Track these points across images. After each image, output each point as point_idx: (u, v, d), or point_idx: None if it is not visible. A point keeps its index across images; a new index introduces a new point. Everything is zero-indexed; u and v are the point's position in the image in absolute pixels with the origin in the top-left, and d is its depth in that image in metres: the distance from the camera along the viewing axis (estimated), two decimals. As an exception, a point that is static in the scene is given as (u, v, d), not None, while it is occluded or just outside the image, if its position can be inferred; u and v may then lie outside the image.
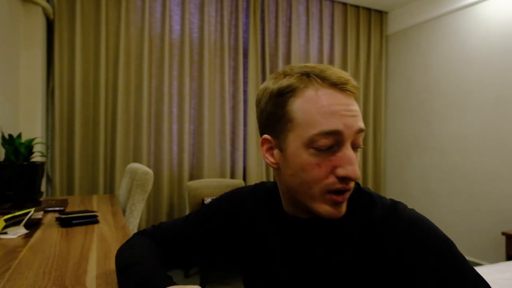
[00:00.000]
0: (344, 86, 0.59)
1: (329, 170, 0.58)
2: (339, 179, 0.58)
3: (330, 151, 0.58)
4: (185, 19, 3.05)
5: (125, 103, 2.89)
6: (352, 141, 0.59)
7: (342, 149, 0.58)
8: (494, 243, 2.91)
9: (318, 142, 0.57)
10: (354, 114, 0.59)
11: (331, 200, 0.59)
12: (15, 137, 1.80)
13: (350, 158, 0.57)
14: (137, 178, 1.70)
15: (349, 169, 0.57)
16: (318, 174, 0.58)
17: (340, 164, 0.58)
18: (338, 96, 0.58)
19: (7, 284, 0.74)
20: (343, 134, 0.57)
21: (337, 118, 0.57)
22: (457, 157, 3.23)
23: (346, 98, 0.59)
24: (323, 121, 0.57)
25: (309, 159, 0.58)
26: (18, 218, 1.20)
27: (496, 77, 2.93)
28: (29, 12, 2.47)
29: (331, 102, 0.58)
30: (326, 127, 0.57)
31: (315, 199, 0.60)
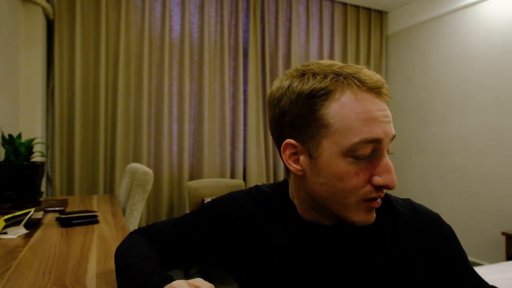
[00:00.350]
0: (381, 90, 0.57)
1: (367, 179, 0.56)
2: (376, 188, 0.56)
3: (368, 159, 0.56)
4: (185, 19, 3.05)
5: (125, 103, 2.89)
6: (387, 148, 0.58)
7: (380, 157, 0.56)
8: (494, 243, 2.91)
9: (359, 150, 0.55)
10: (390, 119, 0.57)
11: (367, 207, 0.58)
12: (15, 137, 1.80)
13: (389, 166, 0.56)
14: (137, 178, 1.70)
15: (388, 178, 0.56)
16: (356, 184, 0.56)
17: (377, 173, 0.56)
18: (376, 102, 0.56)
19: (7, 284, 0.74)
20: (383, 142, 0.55)
21: (377, 125, 0.55)
22: (457, 157, 3.23)
23: (383, 103, 0.57)
24: (364, 129, 0.54)
25: (347, 168, 0.55)
26: (18, 218, 1.20)
27: (496, 77, 2.93)
28: (29, 12, 2.47)
29: (371, 108, 0.55)
30: (368, 134, 0.54)
31: (349, 208, 0.58)
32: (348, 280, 0.62)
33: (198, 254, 0.76)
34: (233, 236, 0.72)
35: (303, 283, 0.63)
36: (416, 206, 0.67)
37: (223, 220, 0.73)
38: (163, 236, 0.77)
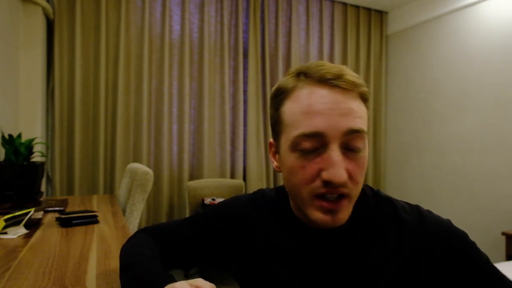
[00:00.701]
0: (333, 81, 0.54)
1: (315, 173, 0.55)
2: (324, 183, 0.54)
3: (316, 153, 0.55)
4: (185, 19, 3.05)
5: (125, 103, 2.89)
6: (342, 142, 0.54)
7: (327, 151, 0.54)
8: (494, 243, 2.91)
9: (301, 145, 0.54)
10: (343, 112, 0.53)
11: (320, 206, 0.56)
12: (15, 137, 1.80)
13: (334, 161, 0.53)
14: (137, 178, 1.70)
15: (331, 173, 0.52)
16: (303, 177, 0.55)
17: (324, 167, 0.54)
18: (323, 94, 0.54)
19: (7, 284, 0.74)
20: (326, 136, 0.53)
21: (318, 118, 0.53)
22: (457, 157, 3.23)
23: (335, 95, 0.54)
24: (304, 122, 0.54)
25: (295, 162, 0.56)
26: (18, 218, 1.20)
27: (496, 77, 2.93)
28: (29, 12, 2.47)
29: (313, 101, 0.54)
30: (306, 128, 0.54)
31: (306, 204, 0.57)
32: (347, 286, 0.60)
33: (198, 254, 0.76)
34: (234, 238, 0.71)
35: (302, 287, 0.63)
36: (423, 213, 0.62)
37: (224, 221, 0.73)
38: (166, 236, 0.78)
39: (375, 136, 3.98)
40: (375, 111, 3.98)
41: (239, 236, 0.71)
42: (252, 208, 0.72)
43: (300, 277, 0.63)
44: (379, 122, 3.96)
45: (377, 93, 3.97)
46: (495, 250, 2.90)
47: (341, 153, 0.54)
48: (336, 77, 0.54)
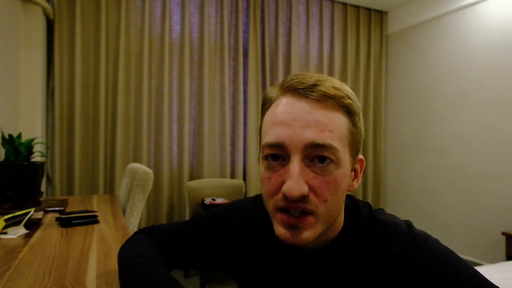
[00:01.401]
0: (303, 91, 0.51)
1: (278, 185, 0.52)
2: (283, 197, 0.51)
3: (281, 164, 0.52)
4: (185, 19, 3.05)
5: (125, 103, 2.89)
6: (305, 155, 0.51)
7: (288, 163, 0.51)
8: (494, 243, 2.91)
9: (265, 152, 0.53)
10: (306, 124, 0.50)
11: (281, 220, 0.52)
12: (15, 137, 1.80)
13: (291, 173, 0.50)
14: (137, 178, 1.70)
15: (287, 185, 0.49)
16: (268, 188, 0.53)
17: (284, 179, 0.51)
18: (290, 103, 0.52)
19: (7, 284, 0.74)
20: (286, 146, 0.51)
21: (280, 128, 0.51)
22: (457, 157, 3.23)
23: (303, 105, 0.51)
24: (269, 132, 0.53)
25: (264, 172, 0.54)
26: (18, 218, 1.20)
27: (496, 77, 2.93)
28: (29, 12, 2.47)
29: (282, 111, 0.52)
30: (270, 138, 0.52)
31: (272, 217, 0.55)
32: None
33: (198, 255, 0.76)
34: (235, 239, 0.71)
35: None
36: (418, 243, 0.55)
37: (225, 223, 0.73)
38: (165, 236, 0.77)
39: (375, 136, 3.98)
40: (375, 111, 3.98)
41: (240, 238, 0.71)
42: (253, 211, 0.71)
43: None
44: (379, 122, 3.96)
45: (377, 93, 3.97)
46: (495, 250, 2.90)
47: (305, 166, 0.51)
48: (309, 87, 0.52)
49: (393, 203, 3.93)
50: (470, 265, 0.54)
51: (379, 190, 3.96)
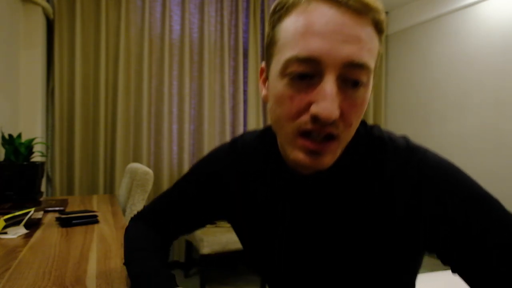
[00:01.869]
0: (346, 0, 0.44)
1: (303, 106, 0.46)
2: (312, 119, 0.46)
3: (308, 82, 0.46)
4: (185, 19, 3.05)
5: (125, 103, 2.89)
6: (340, 74, 0.45)
7: (320, 81, 0.45)
8: (494, 243, 2.91)
9: (291, 68, 0.46)
10: (348, 39, 0.44)
11: (302, 146, 0.48)
12: (15, 137, 1.80)
13: (326, 93, 0.44)
14: (137, 178, 1.70)
15: (321, 107, 0.44)
16: (289, 110, 0.47)
17: (314, 99, 0.45)
18: (328, 13, 0.44)
19: (7, 284, 0.74)
20: (322, 63, 0.44)
21: (317, 40, 0.44)
22: (457, 157, 3.23)
23: (343, 17, 0.44)
24: (300, 44, 0.45)
25: (283, 90, 0.47)
26: (18, 218, 1.20)
27: (496, 77, 2.93)
28: (29, 12, 2.47)
29: (315, 20, 0.44)
30: (300, 51, 0.45)
31: (288, 142, 0.50)
32: (329, 234, 0.56)
33: (197, 220, 0.76)
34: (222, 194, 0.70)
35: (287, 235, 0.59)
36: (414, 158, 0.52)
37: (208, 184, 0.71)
38: (161, 218, 0.76)
39: (375, 136, 3.98)
40: (375, 111, 3.98)
41: (226, 191, 0.69)
42: (233, 160, 0.68)
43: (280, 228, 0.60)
44: (379, 122, 3.96)
45: (377, 93, 3.97)
46: (495, 250, 2.90)
47: (337, 87, 0.45)
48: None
49: (393, 203, 3.93)
50: (471, 178, 0.51)
51: (379, 190, 3.96)
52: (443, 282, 1.49)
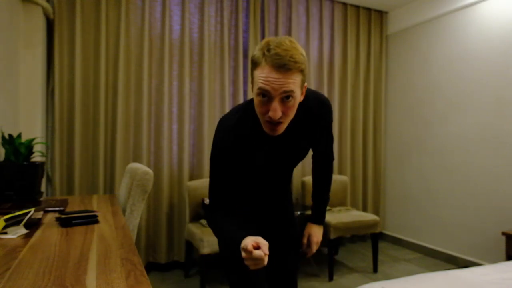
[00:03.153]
0: (281, 68, 0.94)
1: (266, 111, 0.99)
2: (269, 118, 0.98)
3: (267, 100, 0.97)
4: (185, 19, 3.05)
5: (125, 103, 2.90)
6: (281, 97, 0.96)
7: (271, 101, 0.97)
8: (494, 243, 2.91)
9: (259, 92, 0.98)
10: (282, 82, 0.94)
11: (269, 125, 1.01)
12: (15, 137, 1.80)
13: (273, 107, 0.96)
14: (137, 178, 1.69)
15: (272, 114, 0.97)
16: (260, 111, 1.01)
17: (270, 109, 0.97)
18: (274, 74, 0.94)
19: (7, 284, 0.74)
20: (271, 94, 0.96)
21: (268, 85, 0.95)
22: (457, 157, 3.23)
23: (280, 75, 0.94)
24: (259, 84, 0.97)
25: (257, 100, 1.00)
26: (18, 218, 1.20)
27: (496, 77, 2.93)
28: (29, 12, 2.47)
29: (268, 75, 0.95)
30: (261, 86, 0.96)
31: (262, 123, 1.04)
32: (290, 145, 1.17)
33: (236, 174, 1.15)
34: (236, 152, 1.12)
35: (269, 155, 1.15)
36: (316, 96, 1.18)
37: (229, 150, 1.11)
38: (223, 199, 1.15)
39: (375, 136, 3.98)
40: (375, 111, 3.98)
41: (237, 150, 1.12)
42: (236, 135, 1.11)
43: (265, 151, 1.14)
44: (379, 122, 3.96)
45: (377, 93, 3.97)
46: (495, 250, 2.90)
47: (279, 103, 0.97)
48: (284, 65, 0.94)
49: (393, 203, 3.93)
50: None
51: (379, 190, 3.96)
52: (443, 282, 1.49)
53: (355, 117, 3.85)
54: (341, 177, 3.53)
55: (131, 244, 1.06)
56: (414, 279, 1.52)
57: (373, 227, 3.01)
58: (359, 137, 3.83)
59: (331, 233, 2.87)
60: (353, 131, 3.85)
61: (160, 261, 2.97)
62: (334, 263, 3.20)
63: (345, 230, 2.93)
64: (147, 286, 0.74)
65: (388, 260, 3.33)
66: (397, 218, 3.88)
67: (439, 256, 3.37)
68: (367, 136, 3.91)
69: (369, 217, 3.05)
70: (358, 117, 3.84)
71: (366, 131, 3.92)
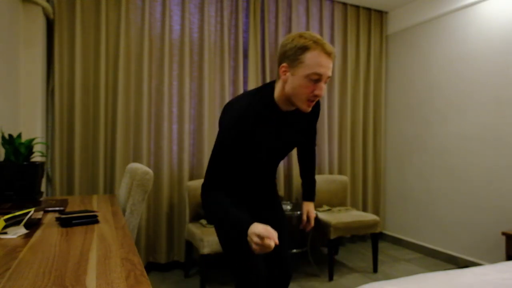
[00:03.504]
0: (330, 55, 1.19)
1: (312, 91, 1.20)
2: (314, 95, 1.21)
3: (315, 82, 1.19)
4: (185, 19, 3.05)
5: (125, 103, 2.90)
6: (325, 80, 1.20)
7: (320, 82, 1.19)
8: (494, 243, 2.91)
9: (312, 76, 1.18)
10: (329, 69, 1.19)
11: (308, 103, 1.24)
12: (15, 137, 1.80)
13: (322, 87, 1.20)
14: (137, 178, 1.70)
15: (320, 92, 1.21)
16: (307, 91, 1.20)
17: (318, 89, 1.20)
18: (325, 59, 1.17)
19: (7, 284, 0.74)
20: (322, 77, 1.18)
21: (322, 69, 1.17)
22: (457, 157, 3.23)
23: (328, 60, 1.18)
24: (316, 68, 1.17)
25: (305, 83, 1.19)
26: (18, 218, 1.20)
27: (496, 77, 2.93)
28: (29, 12, 2.47)
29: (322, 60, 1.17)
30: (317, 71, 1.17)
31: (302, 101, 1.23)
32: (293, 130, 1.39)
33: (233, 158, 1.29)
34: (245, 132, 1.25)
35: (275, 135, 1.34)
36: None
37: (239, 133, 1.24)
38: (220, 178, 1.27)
39: (375, 136, 3.98)
40: (375, 111, 3.98)
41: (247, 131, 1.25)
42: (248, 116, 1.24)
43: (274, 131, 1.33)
44: (379, 122, 3.96)
45: (377, 93, 3.97)
46: (495, 250, 2.90)
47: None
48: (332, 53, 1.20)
49: (393, 203, 3.93)
50: None
51: (379, 190, 3.96)
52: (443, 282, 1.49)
53: (355, 117, 3.85)
54: (341, 177, 3.53)
55: (131, 244, 1.06)
56: (414, 279, 1.52)
57: (373, 227, 3.01)
58: (359, 137, 3.83)
59: (331, 233, 2.86)
60: (353, 131, 3.85)
61: (160, 261, 2.97)
62: (334, 263, 3.20)
63: (345, 230, 2.93)
64: (147, 286, 0.74)
65: (388, 260, 3.33)
66: (397, 218, 3.88)
67: (439, 256, 3.37)
68: (367, 136, 3.91)
69: (369, 217, 3.05)
70: (358, 117, 3.84)
71: (366, 131, 3.92)
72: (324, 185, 3.44)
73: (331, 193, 3.45)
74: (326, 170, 3.65)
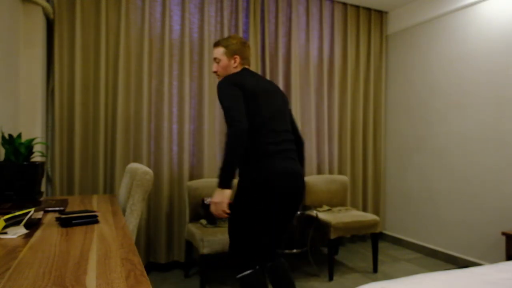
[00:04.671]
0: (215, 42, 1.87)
1: None
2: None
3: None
4: (185, 19, 3.05)
5: (125, 103, 2.90)
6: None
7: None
8: (494, 243, 2.91)
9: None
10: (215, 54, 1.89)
11: None
12: (15, 137, 1.80)
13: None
14: (137, 178, 1.70)
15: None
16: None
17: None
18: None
19: (7, 284, 0.74)
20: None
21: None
22: (457, 157, 3.23)
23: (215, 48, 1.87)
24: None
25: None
26: (18, 218, 1.20)
27: (496, 77, 2.93)
28: (29, 12, 2.47)
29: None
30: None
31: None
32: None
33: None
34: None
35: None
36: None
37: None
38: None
39: (375, 136, 3.98)
40: (375, 111, 3.98)
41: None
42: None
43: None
44: (379, 122, 3.96)
45: (377, 93, 3.97)
46: (495, 250, 2.90)
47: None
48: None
49: (393, 203, 3.93)
50: None
51: (379, 190, 3.96)
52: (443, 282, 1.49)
53: (355, 117, 3.85)
54: (341, 177, 3.53)
55: (131, 244, 1.06)
56: (414, 279, 1.53)
57: (373, 227, 3.02)
58: (359, 137, 3.83)
59: (331, 233, 2.87)
60: (353, 131, 3.85)
61: (160, 261, 2.97)
62: (334, 263, 3.20)
63: (345, 230, 2.93)
64: (147, 286, 0.74)
65: (388, 260, 3.33)
66: (397, 218, 3.88)
67: (439, 256, 3.37)
68: (367, 136, 3.91)
69: (369, 217, 3.05)
70: (358, 117, 3.84)
71: (366, 131, 3.92)
72: (324, 185, 3.44)
73: (331, 193, 3.45)
74: (326, 170, 3.65)
